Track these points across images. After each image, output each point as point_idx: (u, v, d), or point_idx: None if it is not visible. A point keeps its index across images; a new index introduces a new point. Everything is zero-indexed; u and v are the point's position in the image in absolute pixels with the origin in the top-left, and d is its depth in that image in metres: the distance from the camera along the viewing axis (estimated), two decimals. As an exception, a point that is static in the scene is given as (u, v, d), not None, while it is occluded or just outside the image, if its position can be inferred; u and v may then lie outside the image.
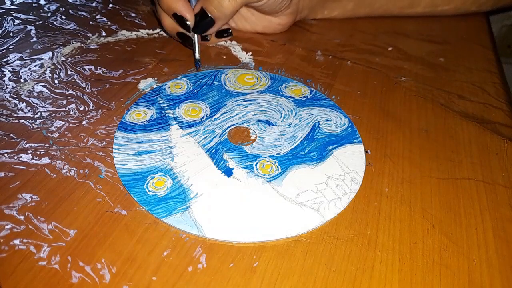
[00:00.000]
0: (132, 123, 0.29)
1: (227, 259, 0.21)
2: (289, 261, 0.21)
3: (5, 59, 0.34)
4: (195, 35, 0.34)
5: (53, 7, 0.43)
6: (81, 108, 0.30)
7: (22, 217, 0.22)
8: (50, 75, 0.33)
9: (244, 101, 0.32)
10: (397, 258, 0.22)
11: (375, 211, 0.24)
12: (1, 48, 0.36)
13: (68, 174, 0.25)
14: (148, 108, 0.30)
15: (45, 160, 0.25)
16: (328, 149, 0.28)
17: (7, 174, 0.24)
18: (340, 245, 0.22)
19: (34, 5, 0.43)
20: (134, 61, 0.35)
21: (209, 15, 0.32)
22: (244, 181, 0.25)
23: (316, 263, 0.21)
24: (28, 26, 0.39)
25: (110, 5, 0.44)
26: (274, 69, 0.36)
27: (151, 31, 0.40)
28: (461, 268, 0.21)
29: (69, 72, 0.33)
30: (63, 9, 0.42)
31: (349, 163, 0.27)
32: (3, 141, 0.26)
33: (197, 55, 0.33)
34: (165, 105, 0.31)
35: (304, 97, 0.32)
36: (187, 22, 0.32)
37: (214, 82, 0.33)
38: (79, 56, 0.35)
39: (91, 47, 0.37)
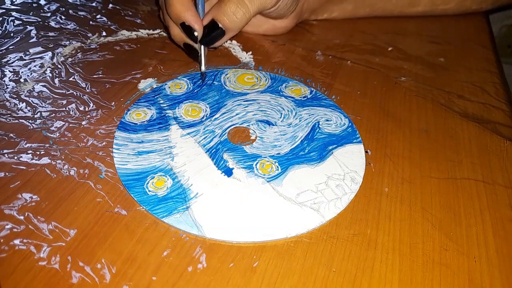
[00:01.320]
0: (132, 123, 0.29)
1: (227, 259, 0.21)
2: (289, 261, 0.21)
3: (5, 59, 0.34)
4: (202, 47, 0.32)
5: (53, 7, 0.43)
6: (81, 108, 0.30)
7: (22, 217, 0.22)
8: (50, 75, 0.33)
9: (244, 101, 0.32)
10: (397, 258, 0.22)
11: (375, 211, 0.24)
12: (1, 48, 0.36)
13: (68, 174, 0.25)
14: (148, 108, 0.30)
15: (45, 160, 0.25)
16: (328, 149, 0.28)
17: (7, 174, 0.24)
18: (340, 245, 0.22)
19: (34, 5, 0.43)
20: (134, 61, 0.35)
21: (220, 25, 0.31)
22: (244, 181, 0.25)
23: (316, 263, 0.21)
24: (28, 26, 0.39)
25: (110, 5, 0.44)
26: (274, 69, 0.36)
27: (151, 31, 0.40)
28: (461, 267, 0.21)
29: (69, 72, 0.33)
30: (63, 9, 0.42)
31: (349, 163, 0.27)
32: (3, 141, 0.26)
33: (203, 68, 0.32)
34: (165, 105, 0.31)
35: (304, 97, 0.32)
36: (194, 33, 0.31)
37: (214, 82, 0.33)
38: (79, 56, 0.35)
39: (91, 47, 0.37)
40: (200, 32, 0.31)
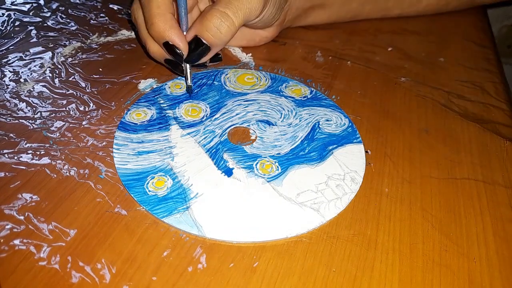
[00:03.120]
0: (132, 123, 0.29)
1: (227, 259, 0.21)
2: (289, 261, 0.21)
3: (5, 59, 0.34)
4: (187, 64, 0.30)
5: (53, 6, 0.43)
6: (81, 108, 0.30)
7: (22, 217, 0.22)
8: (50, 75, 0.33)
9: (244, 101, 0.32)
10: (397, 258, 0.22)
11: (375, 211, 0.24)
12: (2, 49, 0.36)
13: (68, 174, 0.25)
14: (148, 108, 0.30)
15: (45, 160, 0.25)
16: (328, 149, 0.28)
17: (7, 174, 0.24)
18: (340, 245, 0.22)
19: (34, 4, 0.43)
20: (134, 61, 0.35)
21: (205, 42, 0.29)
22: (244, 181, 0.25)
23: (316, 263, 0.21)
24: (28, 26, 0.39)
25: (110, 5, 0.44)
26: (274, 69, 0.36)
27: (151, 31, 0.40)
28: (461, 268, 0.21)
29: (69, 72, 0.33)
30: (63, 8, 0.42)
31: (349, 163, 0.27)
32: (3, 141, 0.26)
33: (189, 82, 0.31)
34: (165, 105, 0.31)
35: (304, 97, 0.32)
36: (180, 52, 0.29)
37: (214, 82, 0.33)
38: (79, 56, 0.35)
39: (91, 47, 0.37)
40: (185, 52, 0.29)
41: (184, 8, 0.29)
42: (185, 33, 0.29)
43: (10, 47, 0.36)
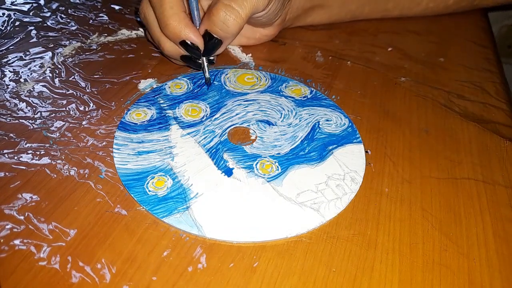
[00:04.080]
0: (132, 123, 0.29)
1: (227, 259, 0.21)
2: (289, 261, 0.21)
3: (5, 59, 0.34)
4: (204, 58, 0.31)
5: (53, 6, 0.43)
6: (81, 108, 0.30)
7: (22, 217, 0.22)
8: (50, 75, 0.33)
9: (244, 101, 0.32)
10: (397, 258, 0.22)
11: (375, 211, 0.24)
12: (1, 48, 0.36)
13: (68, 174, 0.25)
14: (148, 108, 0.30)
15: (45, 160, 0.25)
16: (328, 149, 0.28)
17: (7, 174, 0.24)
18: (340, 245, 0.22)
19: (34, 4, 0.43)
20: (134, 61, 0.35)
21: (215, 36, 0.30)
22: (244, 181, 0.25)
23: (316, 263, 0.21)
24: (28, 26, 0.39)
25: (110, 4, 0.44)
26: (274, 69, 0.36)
27: (151, 31, 0.40)
28: (461, 268, 0.21)
29: (69, 72, 0.33)
30: (63, 8, 0.42)
31: (349, 163, 0.27)
32: (3, 141, 0.26)
33: (207, 74, 0.32)
34: (165, 105, 0.31)
35: (304, 97, 0.32)
36: (198, 48, 0.30)
37: (214, 82, 0.33)
38: (79, 56, 0.35)
39: (91, 47, 0.37)
40: (202, 47, 0.30)
41: (195, 4, 0.29)
42: (198, 28, 0.30)
43: (10, 47, 0.36)
